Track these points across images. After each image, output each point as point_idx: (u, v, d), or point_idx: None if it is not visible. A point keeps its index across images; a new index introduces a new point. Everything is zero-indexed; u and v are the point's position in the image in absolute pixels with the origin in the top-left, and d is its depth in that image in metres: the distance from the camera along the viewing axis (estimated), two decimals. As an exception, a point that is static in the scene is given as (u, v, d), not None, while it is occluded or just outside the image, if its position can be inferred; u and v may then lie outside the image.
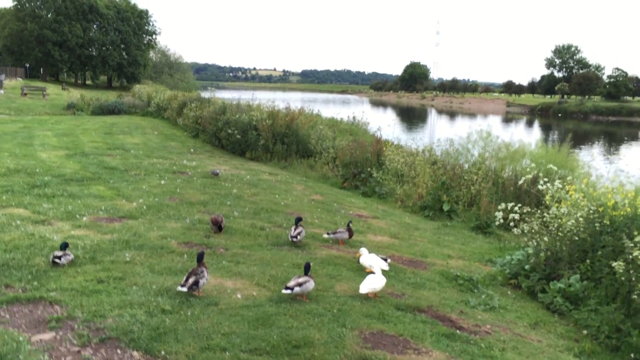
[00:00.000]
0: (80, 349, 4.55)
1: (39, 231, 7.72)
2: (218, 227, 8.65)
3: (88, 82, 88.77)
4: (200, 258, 6.08)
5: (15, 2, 74.52)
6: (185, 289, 5.78)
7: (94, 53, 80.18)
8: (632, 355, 5.84)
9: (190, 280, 5.83)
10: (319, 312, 5.76)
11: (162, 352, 4.59)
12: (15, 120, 26.60)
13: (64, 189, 10.77)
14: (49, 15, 74.74)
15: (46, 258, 6.58)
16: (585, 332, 6.41)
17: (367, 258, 7.37)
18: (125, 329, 4.91)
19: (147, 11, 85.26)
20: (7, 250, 6.72)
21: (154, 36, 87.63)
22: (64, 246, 6.60)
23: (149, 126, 27.09)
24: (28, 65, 76.08)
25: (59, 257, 6.41)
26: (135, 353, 4.57)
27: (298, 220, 8.67)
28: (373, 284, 6.42)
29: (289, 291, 6.00)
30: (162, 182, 12.57)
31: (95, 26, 79.97)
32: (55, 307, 5.34)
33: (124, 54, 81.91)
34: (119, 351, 4.59)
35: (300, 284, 6.06)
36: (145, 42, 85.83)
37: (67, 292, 5.69)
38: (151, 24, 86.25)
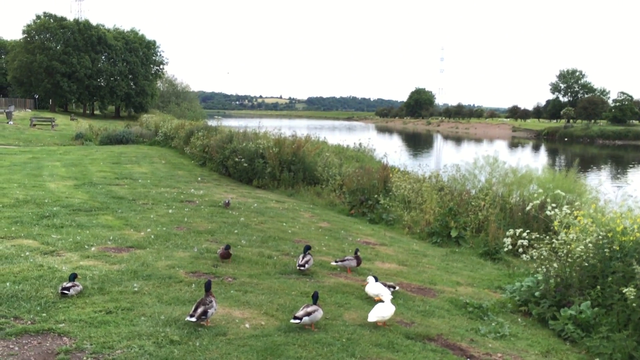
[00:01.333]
0: (88, 381, 4.53)
1: (47, 262, 7.75)
2: (228, 256, 8.67)
3: (96, 112, 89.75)
4: (208, 287, 6.07)
5: (25, 35, 75.85)
6: (194, 319, 5.76)
7: (102, 83, 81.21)
8: (646, 383, 5.76)
9: (199, 311, 5.82)
10: (327, 342, 5.73)
11: (171, 384, 4.57)
12: (24, 151, 26.87)
13: (73, 219, 10.83)
14: (57, 47, 75.97)
15: (55, 289, 6.59)
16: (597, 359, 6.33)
17: (373, 287, 7.33)
18: (134, 361, 4.89)
19: (154, 42, 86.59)
20: (16, 282, 6.73)
21: (161, 66, 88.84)
22: (73, 277, 6.61)
23: (156, 155, 27.29)
24: (37, 96, 77.13)
25: (68, 289, 6.42)
26: (143, 385, 4.55)
27: (307, 249, 8.67)
28: (382, 312, 6.38)
29: (297, 321, 5.97)
30: (170, 211, 12.62)
31: (103, 57, 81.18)
32: (63, 339, 5.33)
33: (131, 84, 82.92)
34: (127, 383, 4.57)
35: (309, 314, 6.03)
36: (153, 72, 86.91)
37: (76, 323, 5.69)
38: (159, 54, 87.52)
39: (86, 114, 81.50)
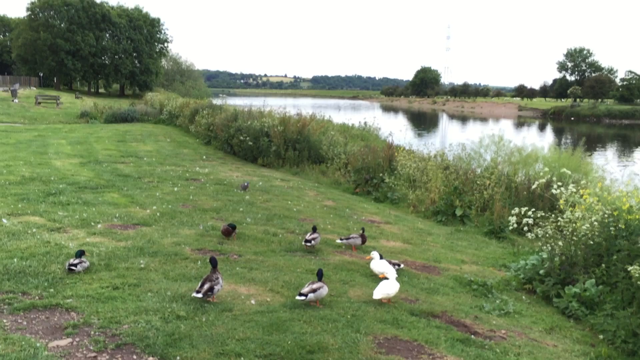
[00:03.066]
0: (96, 354, 4.59)
1: (54, 239, 7.80)
2: (229, 233, 8.71)
3: (101, 90, 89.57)
4: (214, 264, 6.10)
5: (29, 12, 75.40)
6: (200, 295, 5.81)
7: (107, 61, 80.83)
8: (649, 360, 5.78)
9: (206, 287, 5.86)
10: (332, 318, 5.77)
11: (178, 358, 4.62)
12: (29, 129, 26.90)
13: (79, 197, 10.87)
14: (62, 25, 75.48)
15: (62, 265, 6.64)
16: (601, 336, 6.36)
17: (378, 264, 7.35)
18: (141, 335, 4.94)
19: (159, 19, 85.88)
20: (23, 258, 6.79)
21: (165, 44, 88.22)
22: (80, 254, 6.66)
23: (161, 134, 27.28)
24: (42, 74, 76.90)
25: (75, 265, 6.47)
26: (151, 358, 4.60)
27: (315, 229, 8.74)
28: (387, 289, 6.41)
29: (303, 297, 6.01)
30: (175, 189, 12.65)
31: (107, 35, 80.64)
32: (71, 314, 5.38)
33: (136, 62, 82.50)
34: (134, 357, 4.62)
35: (314, 290, 6.06)
36: (157, 50, 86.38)
37: (83, 298, 5.74)
38: (163, 32, 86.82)
39: (91, 92, 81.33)
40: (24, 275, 6.24)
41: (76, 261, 6.51)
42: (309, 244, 8.50)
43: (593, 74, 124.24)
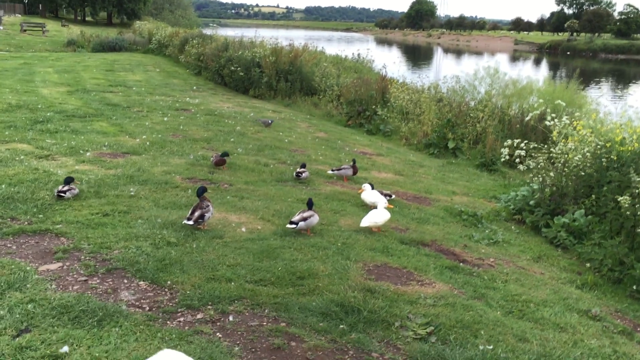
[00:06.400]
0: (87, 279, 4.60)
1: (42, 166, 7.70)
2: (223, 163, 8.66)
3: (88, 18, 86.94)
4: (199, 193, 6.05)
5: None
6: (191, 223, 5.79)
7: (93, -12, 78.10)
8: (634, 287, 5.90)
9: (196, 214, 5.84)
10: (323, 246, 5.80)
11: (169, 282, 4.64)
12: (15, 57, 26.22)
13: (67, 125, 10.69)
14: (46, -51, 72.47)
15: (51, 192, 6.58)
16: (588, 265, 6.46)
17: (369, 194, 7.33)
18: (132, 260, 4.95)
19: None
20: (11, 184, 6.71)
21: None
22: (69, 180, 6.58)
23: (150, 63, 26.72)
24: (26, 1, 74.41)
25: (64, 192, 6.40)
26: (141, 283, 4.62)
27: (304, 165, 8.72)
28: (374, 218, 6.42)
29: (293, 226, 6.01)
30: (165, 119, 12.48)
31: (93, -40, 77.58)
32: (61, 239, 5.36)
33: (123, -11, 79.80)
34: (125, 281, 4.63)
35: (305, 219, 6.06)
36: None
37: (73, 224, 5.71)
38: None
39: (77, 21, 79.00)
40: (13, 201, 6.18)
41: (65, 188, 6.45)
42: (300, 176, 8.49)
43: (591, 8, 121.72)
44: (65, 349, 3.54)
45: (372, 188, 7.43)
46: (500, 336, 4.29)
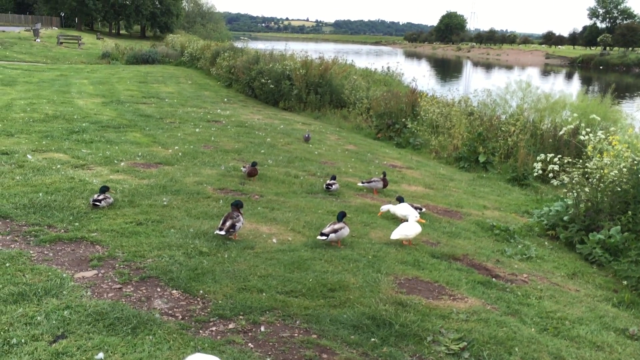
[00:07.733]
0: (121, 286, 4.66)
1: (78, 175, 7.86)
2: (255, 173, 8.71)
3: (122, 31, 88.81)
4: (237, 206, 6.08)
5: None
6: (222, 233, 5.84)
7: (128, 2, 79.75)
8: (673, 307, 5.73)
9: (228, 224, 5.89)
10: (354, 258, 5.78)
11: (201, 292, 4.67)
12: (52, 69, 26.91)
13: (102, 135, 10.91)
14: (82, -36, 74.28)
15: (86, 201, 6.70)
16: (624, 282, 6.31)
17: (400, 207, 7.28)
18: (165, 269, 5.00)
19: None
20: (48, 193, 6.86)
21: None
22: (104, 189, 6.70)
23: (182, 75, 27.13)
24: (63, 14, 76.35)
25: (99, 200, 6.52)
26: (174, 292, 4.67)
27: (334, 177, 8.75)
28: (405, 230, 6.38)
29: (324, 237, 6.01)
30: (197, 130, 12.63)
31: (128, -25, 79.31)
32: (96, 247, 5.46)
33: (157, 3, 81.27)
34: (158, 289, 4.68)
35: (335, 230, 6.06)
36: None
37: (108, 233, 5.81)
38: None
39: (112, 34, 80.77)
40: (50, 209, 6.32)
41: (100, 197, 6.57)
42: (330, 188, 8.50)
43: (625, 22, 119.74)
44: (101, 355, 3.59)
45: (402, 201, 7.39)
46: (535, 354, 4.21)
